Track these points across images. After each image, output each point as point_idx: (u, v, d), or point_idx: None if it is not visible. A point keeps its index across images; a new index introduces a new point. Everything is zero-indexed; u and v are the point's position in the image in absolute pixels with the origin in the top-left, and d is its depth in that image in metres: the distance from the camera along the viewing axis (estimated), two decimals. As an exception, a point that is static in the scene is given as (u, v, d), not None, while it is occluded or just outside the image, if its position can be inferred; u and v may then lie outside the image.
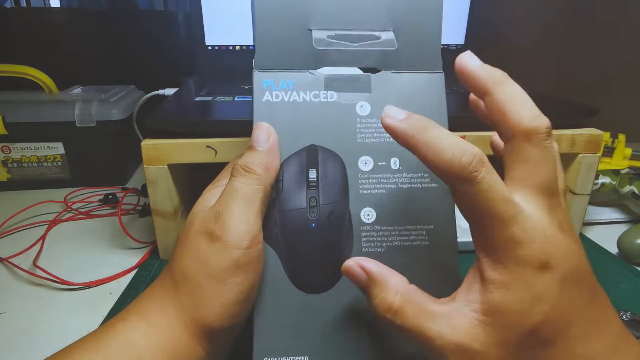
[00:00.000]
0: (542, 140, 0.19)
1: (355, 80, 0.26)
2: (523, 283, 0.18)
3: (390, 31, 0.26)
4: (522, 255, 0.18)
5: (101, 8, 0.73)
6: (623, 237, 0.41)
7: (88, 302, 0.35)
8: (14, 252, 0.41)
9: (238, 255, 0.21)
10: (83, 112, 0.55)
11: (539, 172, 0.19)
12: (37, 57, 0.66)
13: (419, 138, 0.19)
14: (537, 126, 0.19)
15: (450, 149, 0.18)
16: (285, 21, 0.26)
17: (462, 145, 0.18)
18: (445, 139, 0.18)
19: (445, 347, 0.18)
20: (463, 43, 0.62)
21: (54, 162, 0.57)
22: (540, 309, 0.18)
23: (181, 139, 0.36)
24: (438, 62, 0.26)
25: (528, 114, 0.19)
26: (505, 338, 0.18)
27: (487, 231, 0.18)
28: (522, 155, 0.19)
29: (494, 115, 0.20)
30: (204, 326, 0.22)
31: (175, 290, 0.23)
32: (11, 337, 0.31)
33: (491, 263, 0.18)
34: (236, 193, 0.22)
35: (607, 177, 0.49)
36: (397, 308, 0.19)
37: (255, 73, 0.26)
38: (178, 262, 0.23)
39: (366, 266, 0.21)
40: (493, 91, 0.20)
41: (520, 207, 0.18)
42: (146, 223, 0.48)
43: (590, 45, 0.74)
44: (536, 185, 0.19)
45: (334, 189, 0.25)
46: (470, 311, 0.19)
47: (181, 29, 0.73)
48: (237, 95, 0.45)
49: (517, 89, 0.20)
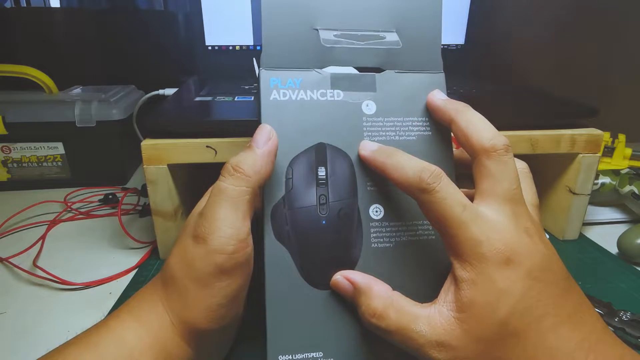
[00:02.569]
0: (501, 156, 0.22)
1: (360, 79, 0.26)
2: (488, 278, 0.20)
3: (394, 32, 0.27)
4: (483, 252, 0.20)
5: (101, 8, 0.73)
6: (623, 237, 0.41)
7: (88, 302, 0.35)
8: (14, 252, 0.41)
9: (222, 260, 0.21)
10: (83, 112, 0.55)
11: (501, 184, 0.21)
12: (37, 57, 0.66)
13: (388, 162, 0.23)
14: (494, 144, 0.22)
15: (412, 168, 0.21)
16: (292, 21, 0.26)
17: (421, 164, 0.21)
18: (408, 161, 0.22)
19: (426, 345, 0.20)
20: (463, 43, 0.62)
21: (54, 162, 0.57)
22: (506, 301, 0.19)
23: (181, 139, 0.36)
24: (439, 63, 0.27)
25: (486, 135, 0.22)
26: (478, 332, 0.19)
27: (451, 234, 0.20)
28: (485, 170, 0.22)
29: (459, 139, 0.23)
30: (191, 327, 0.22)
31: (164, 291, 0.23)
32: (11, 337, 0.31)
33: (460, 263, 0.20)
34: (222, 195, 0.22)
35: (607, 177, 0.49)
36: (381, 312, 0.21)
37: (262, 72, 0.26)
38: (168, 262, 0.23)
39: (352, 278, 0.23)
40: (456, 119, 0.23)
41: (479, 211, 0.21)
42: (146, 223, 0.48)
43: (590, 45, 0.74)
44: (499, 195, 0.21)
45: (343, 186, 0.25)
46: (447, 310, 0.20)
47: (181, 29, 0.73)
48: (237, 95, 0.45)
49: (476, 115, 0.23)
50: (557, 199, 0.44)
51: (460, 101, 0.25)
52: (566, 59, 0.75)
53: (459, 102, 0.25)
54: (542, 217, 0.46)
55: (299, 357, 0.23)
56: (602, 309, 0.31)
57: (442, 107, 0.25)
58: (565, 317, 0.20)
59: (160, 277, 0.24)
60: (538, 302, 0.19)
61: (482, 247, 0.20)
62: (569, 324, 0.20)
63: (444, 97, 0.26)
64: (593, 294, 0.33)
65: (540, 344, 0.19)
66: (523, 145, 0.39)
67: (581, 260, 0.41)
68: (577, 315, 0.20)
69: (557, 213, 0.44)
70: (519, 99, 0.48)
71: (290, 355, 0.23)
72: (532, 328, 0.19)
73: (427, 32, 0.27)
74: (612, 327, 0.30)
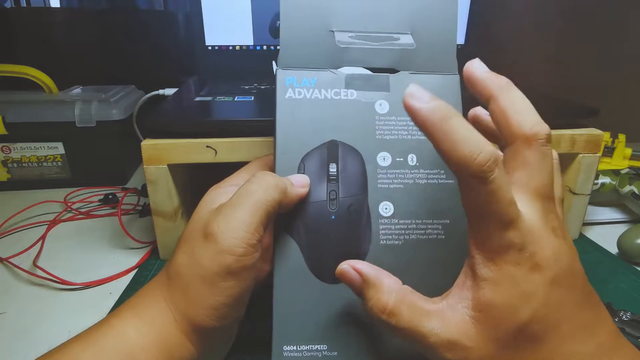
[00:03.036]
0: (542, 145, 0.19)
1: (374, 79, 0.27)
2: (513, 281, 0.18)
3: (409, 34, 0.28)
4: (515, 257, 0.18)
5: (101, 8, 0.73)
6: (623, 237, 0.41)
7: (88, 302, 0.35)
8: (14, 252, 0.41)
9: (231, 261, 0.21)
10: (83, 112, 0.55)
11: (537, 177, 0.19)
12: (37, 57, 0.66)
13: (440, 126, 0.18)
14: (537, 132, 0.19)
15: (468, 143, 0.18)
16: (309, 23, 0.27)
17: (481, 142, 0.18)
18: (465, 131, 0.18)
19: (438, 344, 0.19)
20: (463, 43, 0.62)
21: (54, 162, 0.57)
22: (528, 306, 0.18)
23: (181, 139, 0.36)
24: (454, 65, 0.28)
25: (529, 120, 0.19)
26: (495, 334, 0.18)
27: (486, 230, 0.19)
28: (522, 159, 0.19)
29: (496, 119, 0.21)
30: (194, 324, 0.22)
31: (168, 286, 0.23)
32: (11, 337, 0.31)
33: (484, 260, 0.19)
34: (248, 196, 0.22)
35: (607, 177, 0.49)
36: (392, 308, 0.20)
37: (278, 71, 0.27)
38: (174, 258, 0.23)
39: (360, 268, 0.21)
40: (497, 97, 0.20)
41: (520, 211, 0.19)
42: (146, 223, 0.48)
43: (590, 45, 0.74)
44: (533, 189, 0.19)
45: (354, 182, 0.25)
46: (462, 307, 0.19)
47: (181, 29, 0.73)
48: (237, 95, 0.45)
49: (520, 96, 0.20)
50: (557, 199, 0.44)
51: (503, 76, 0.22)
52: (566, 59, 0.75)
53: (502, 76, 0.21)
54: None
55: (303, 349, 0.23)
56: (602, 309, 0.31)
57: (483, 79, 0.21)
58: (583, 323, 0.19)
59: (164, 274, 0.24)
60: (559, 307, 0.19)
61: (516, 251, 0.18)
62: (586, 330, 0.19)
63: (486, 68, 0.22)
64: (593, 294, 0.33)
65: (557, 349, 0.18)
66: (523, 145, 0.39)
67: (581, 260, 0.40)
68: (595, 321, 0.19)
69: (557, 213, 0.44)
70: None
71: (295, 346, 0.23)
72: (549, 333, 0.18)
73: (442, 34, 0.28)
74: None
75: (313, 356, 0.23)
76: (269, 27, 0.57)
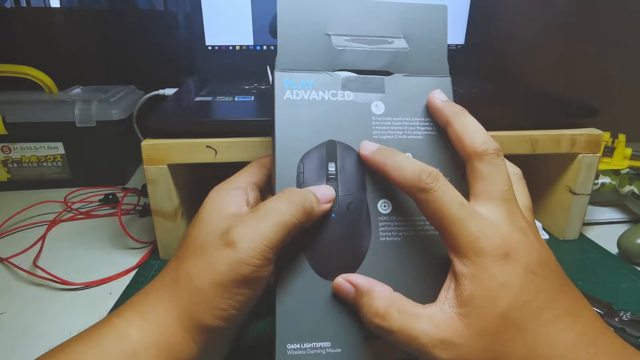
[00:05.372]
0: (492, 158, 0.23)
1: (370, 81, 0.28)
2: (487, 272, 0.20)
3: (402, 38, 0.29)
4: (482, 247, 0.20)
5: (101, 8, 0.73)
6: (623, 237, 0.41)
7: (88, 302, 0.35)
8: (14, 252, 0.41)
9: (247, 271, 0.22)
10: (83, 112, 0.55)
11: (494, 185, 0.22)
12: (37, 57, 0.66)
13: (388, 162, 0.24)
14: (486, 148, 0.23)
15: (411, 169, 0.22)
16: (306, 27, 0.28)
17: (420, 165, 0.22)
18: (407, 162, 0.23)
19: (430, 344, 0.20)
20: (463, 43, 0.62)
21: (54, 162, 0.57)
22: (506, 295, 0.20)
23: (181, 139, 0.36)
24: (445, 67, 0.29)
25: (479, 138, 0.23)
26: (480, 326, 0.20)
27: (449, 231, 0.21)
28: (478, 172, 0.23)
29: (453, 142, 0.25)
30: (199, 323, 0.22)
31: (175, 286, 0.23)
32: (11, 337, 0.31)
33: (459, 259, 0.21)
34: (275, 214, 0.23)
35: (607, 177, 0.49)
36: (384, 312, 0.21)
37: (276, 73, 0.27)
38: (186, 260, 0.23)
39: (353, 280, 0.23)
40: (452, 122, 0.25)
41: (476, 210, 0.21)
42: (146, 223, 0.48)
43: (590, 45, 0.74)
44: (492, 195, 0.22)
45: (352, 181, 0.26)
46: (449, 307, 0.21)
47: (181, 29, 0.73)
48: (237, 95, 0.44)
49: (472, 120, 0.24)
50: (557, 199, 0.44)
51: (459, 105, 0.26)
52: (566, 59, 0.75)
53: (457, 105, 0.26)
54: (543, 217, 0.46)
55: (307, 346, 0.23)
56: (602, 309, 0.31)
57: (440, 108, 0.26)
58: (564, 310, 0.20)
59: (171, 275, 0.24)
60: (537, 295, 0.20)
61: (480, 242, 0.20)
62: (568, 317, 0.20)
63: (444, 98, 0.27)
64: (593, 294, 0.33)
65: (542, 336, 0.19)
66: (523, 145, 0.39)
67: (581, 260, 0.41)
68: (576, 310, 0.21)
69: (557, 213, 0.44)
70: (519, 99, 0.48)
71: (299, 344, 0.23)
72: (532, 321, 0.20)
73: (434, 38, 0.29)
74: (612, 327, 0.30)
75: (317, 353, 0.23)
76: (269, 27, 0.57)
